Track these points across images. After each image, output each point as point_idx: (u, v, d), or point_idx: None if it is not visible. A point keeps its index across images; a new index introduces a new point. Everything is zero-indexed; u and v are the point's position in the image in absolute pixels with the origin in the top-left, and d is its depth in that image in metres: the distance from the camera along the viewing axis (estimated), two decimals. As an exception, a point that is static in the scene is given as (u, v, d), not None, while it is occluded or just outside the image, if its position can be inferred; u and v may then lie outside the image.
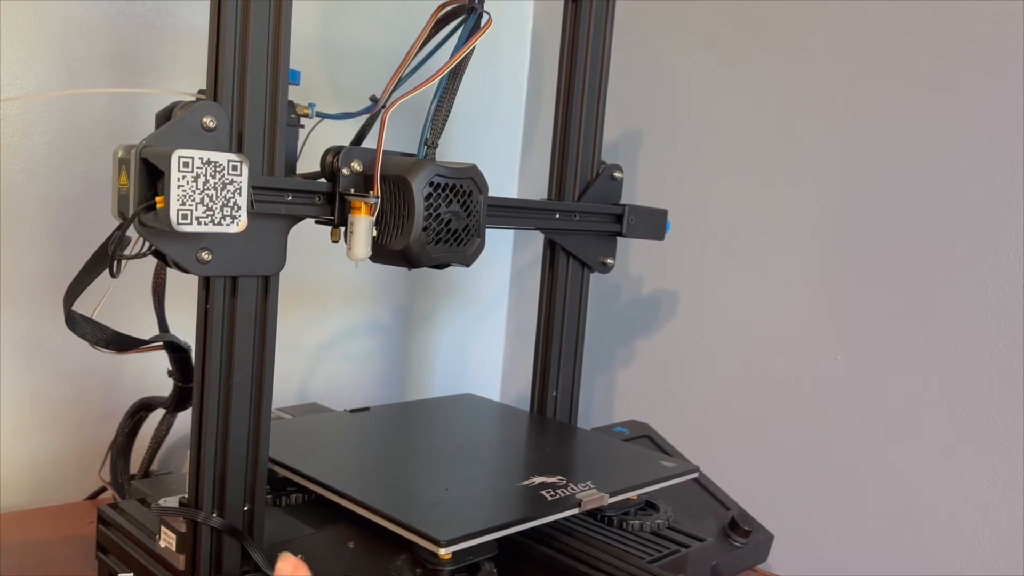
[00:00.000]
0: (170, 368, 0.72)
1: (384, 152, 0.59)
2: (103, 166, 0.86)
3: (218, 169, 0.50)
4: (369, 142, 0.63)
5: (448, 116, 0.64)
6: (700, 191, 1.02)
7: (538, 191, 1.01)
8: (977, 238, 0.80)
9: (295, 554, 0.60)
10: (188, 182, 0.49)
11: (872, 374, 0.87)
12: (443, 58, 0.64)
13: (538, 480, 0.65)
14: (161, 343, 0.69)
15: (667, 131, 1.06)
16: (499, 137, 1.24)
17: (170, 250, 0.52)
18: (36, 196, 0.83)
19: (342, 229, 0.59)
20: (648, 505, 0.73)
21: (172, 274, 0.64)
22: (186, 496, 0.59)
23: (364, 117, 0.67)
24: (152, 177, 0.50)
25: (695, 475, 0.72)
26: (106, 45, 0.85)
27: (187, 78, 0.89)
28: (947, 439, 0.82)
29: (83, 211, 0.85)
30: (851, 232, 0.89)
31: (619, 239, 0.85)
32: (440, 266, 0.62)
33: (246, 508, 0.58)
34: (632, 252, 1.09)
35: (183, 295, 0.70)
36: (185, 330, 0.67)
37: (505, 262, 1.27)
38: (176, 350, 0.70)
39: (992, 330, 0.79)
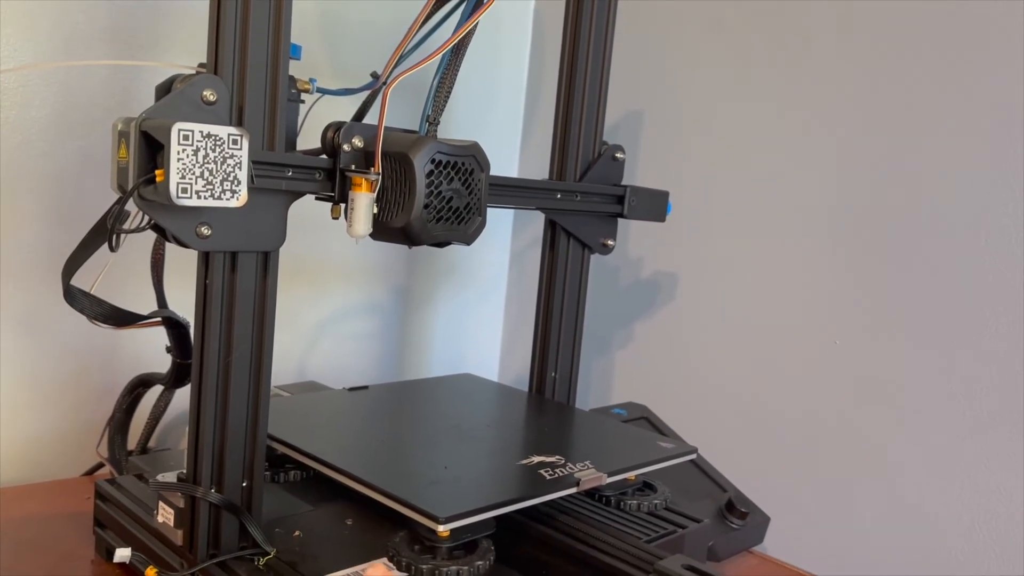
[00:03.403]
0: (168, 344, 0.72)
1: (385, 129, 0.58)
2: (102, 140, 0.85)
3: (218, 143, 0.50)
4: (370, 119, 0.63)
5: (450, 93, 0.64)
6: (701, 173, 1.02)
7: (539, 171, 1.01)
8: (978, 223, 0.80)
9: (294, 531, 0.61)
10: (188, 155, 0.48)
11: (870, 359, 0.87)
12: (445, 34, 0.63)
13: (536, 459, 0.65)
14: (160, 319, 0.69)
15: (669, 112, 1.06)
16: (500, 116, 1.23)
17: (169, 224, 0.51)
18: (34, 170, 0.83)
19: (342, 206, 0.59)
20: (646, 486, 0.73)
21: (171, 249, 0.64)
22: (184, 472, 0.59)
23: (365, 93, 0.66)
24: (152, 150, 0.50)
25: (693, 456, 0.72)
26: (105, 20, 0.84)
27: (186, 54, 0.88)
28: (946, 423, 0.82)
29: (82, 185, 0.85)
30: (851, 217, 0.89)
31: (620, 220, 0.85)
32: (441, 244, 0.62)
33: (244, 484, 0.58)
34: (632, 233, 1.08)
35: (181, 271, 0.70)
36: (184, 306, 0.67)
37: (504, 243, 1.27)
38: (175, 326, 0.69)
39: (993, 316, 0.79)
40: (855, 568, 0.87)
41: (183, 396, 0.78)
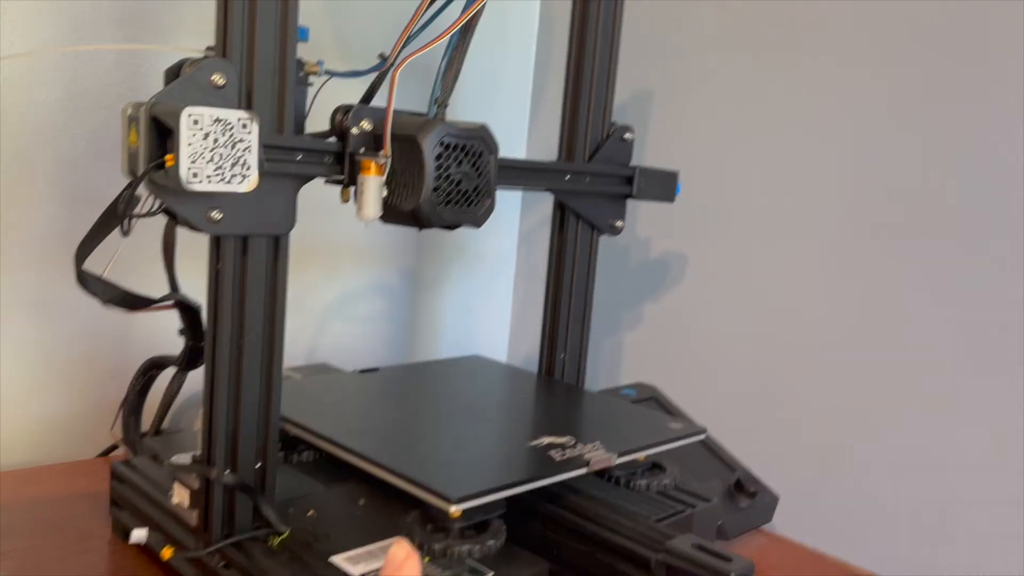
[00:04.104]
0: (181, 327, 0.73)
1: (394, 111, 0.58)
2: (109, 125, 0.85)
3: (228, 127, 0.50)
4: (378, 101, 0.62)
5: (459, 75, 0.64)
6: (711, 153, 1.01)
7: (546, 152, 1.00)
8: (992, 201, 0.79)
9: (307, 511, 0.62)
10: (198, 140, 0.49)
11: (881, 337, 0.87)
12: (453, 14, 0.63)
13: (547, 440, 0.65)
14: (172, 302, 0.69)
15: (679, 91, 1.05)
16: (507, 96, 1.23)
17: (181, 209, 0.51)
18: (43, 154, 0.83)
19: (352, 189, 0.59)
20: (655, 466, 0.74)
21: (181, 232, 0.64)
22: (199, 453, 0.59)
23: (373, 75, 0.66)
24: (162, 135, 0.50)
25: (702, 437, 0.73)
26: (112, 3, 0.84)
27: (193, 37, 0.88)
28: (957, 403, 0.82)
29: (90, 170, 0.85)
30: (863, 195, 0.88)
31: (629, 201, 0.85)
32: (450, 227, 0.62)
33: (258, 465, 0.59)
34: (641, 214, 1.08)
35: (191, 254, 0.70)
36: (195, 288, 0.67)
37: (513, 224, 1.27)
38: (187, 309, 0.70)
39: (1008, 291, 0.79)
40: (864, 546, 0.88)
41: (195, 378, 0.78)
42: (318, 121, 0.61)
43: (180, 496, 0.61)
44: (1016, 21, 0.77)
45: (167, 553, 0.61)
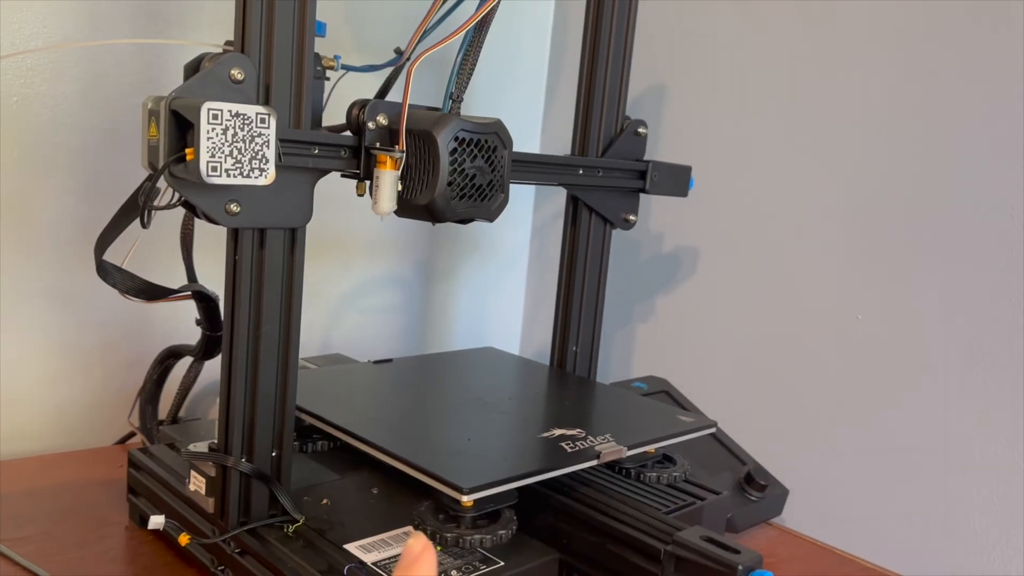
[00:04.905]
0: (198, 317, 0.74)
1: (409, 106, 0.59)
2: (128, 116, 0.86)
3: (246, 122, 0.50)
4: (394, 95, 0.63)
5: (473, 70, 0.64)
6: (724, 148, 1.02)
7: (560, 146, 1.01)
8: (1001, 198, 0.79)
9: (321, 500, 0.63)
10: (217, 134, 0.49)
11: (893, 332, 0.87)
12: (468, 10, 0.64)
13: (558, 432, 0.66)
14: (190, 293, 0.70)
15: (693, 86, 1.05)
16: (522, 91, 1.23)
17: (200, 201, 0.52)
18: (63, 145, 0.84)
19: (367, 183, 0.60)
20: (665, 458, 0.74)
21: (199, 224, 0.65)
22: (215, 442, 0.60)
23: (389, 70, 0.67)
24: (182, 129, 0.51)
25: (712, 430, 0.73)
26: (131, -2, 0.85)
27: (210, 30, 0.89)
28: (966, 398, 0.82)
29: (108, 161, 0.86)
30: (876, 192, 0.88)
31: (641, 195, 0.85)
32: (464, 221, 0.63)
33: (274, 454, 0.60)
34: (654, 208, 1.08)
35: (209, 246, 0.71)
36: (212, 279, 0.68)
37: (526, 218, 1.27)
38: (204, 300, 0.71)
39: (1016, 290, 0.79)
40: (873, 540, 0.88)
41: (212, 367, 0.79)
42: (335, 115, 0.62)
43: (197, 483, 0.62)
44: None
45: (184, 539, 0.62)
